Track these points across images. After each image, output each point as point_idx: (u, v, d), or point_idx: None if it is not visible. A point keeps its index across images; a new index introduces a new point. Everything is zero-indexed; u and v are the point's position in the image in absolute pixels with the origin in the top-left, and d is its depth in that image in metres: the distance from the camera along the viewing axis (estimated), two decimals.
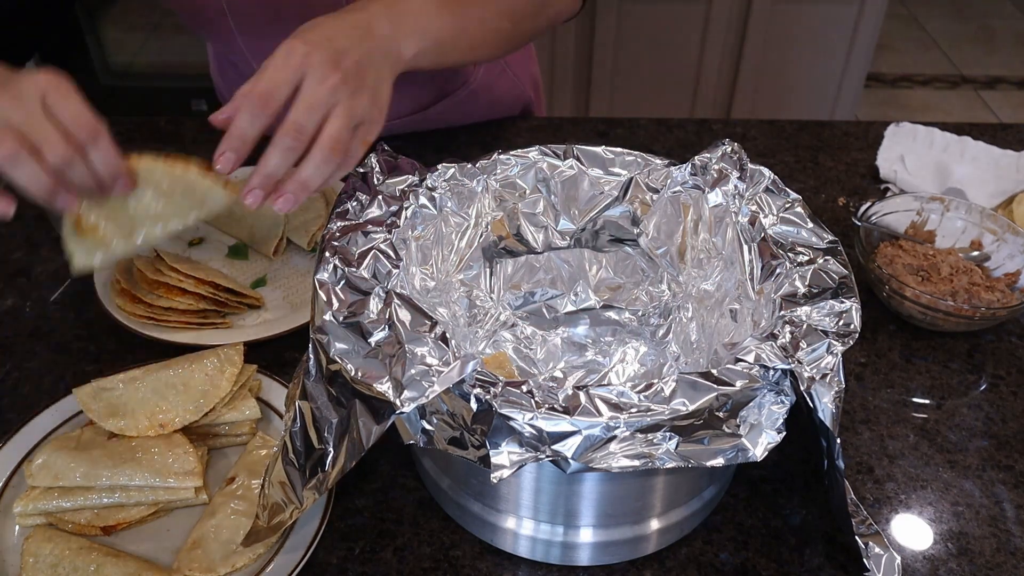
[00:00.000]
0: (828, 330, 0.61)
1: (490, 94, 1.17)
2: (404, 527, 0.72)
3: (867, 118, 2.79)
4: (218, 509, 0.70)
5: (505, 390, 0.56)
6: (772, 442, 0.58)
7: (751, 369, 0.58)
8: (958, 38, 3.54)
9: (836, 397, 0.59)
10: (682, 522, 0.70)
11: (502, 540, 0.70)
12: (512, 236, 0.83)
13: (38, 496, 0.70)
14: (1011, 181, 1.09)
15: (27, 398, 0.82)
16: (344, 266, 0.65)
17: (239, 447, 0.77)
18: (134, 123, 1.20)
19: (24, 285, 0.95)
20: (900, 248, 0.95)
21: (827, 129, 1.23)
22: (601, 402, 0.56)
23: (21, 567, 0.66)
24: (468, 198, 0.79)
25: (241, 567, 0.67)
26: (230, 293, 0.90)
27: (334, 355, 0.59)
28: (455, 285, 0.81)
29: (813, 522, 0.73)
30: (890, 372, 0.87)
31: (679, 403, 0.56)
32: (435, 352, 0.57)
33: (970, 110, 3.12)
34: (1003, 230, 0.95)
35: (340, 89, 0.67)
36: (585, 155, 0.81)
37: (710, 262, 0.79)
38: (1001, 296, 0.89)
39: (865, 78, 2.37)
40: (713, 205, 0.77)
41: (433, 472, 0.72)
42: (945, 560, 0.71)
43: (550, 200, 0.82)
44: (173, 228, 0.70)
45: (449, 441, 0.59)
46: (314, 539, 0.68)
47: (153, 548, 0.70)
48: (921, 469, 0.78)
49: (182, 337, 0.85)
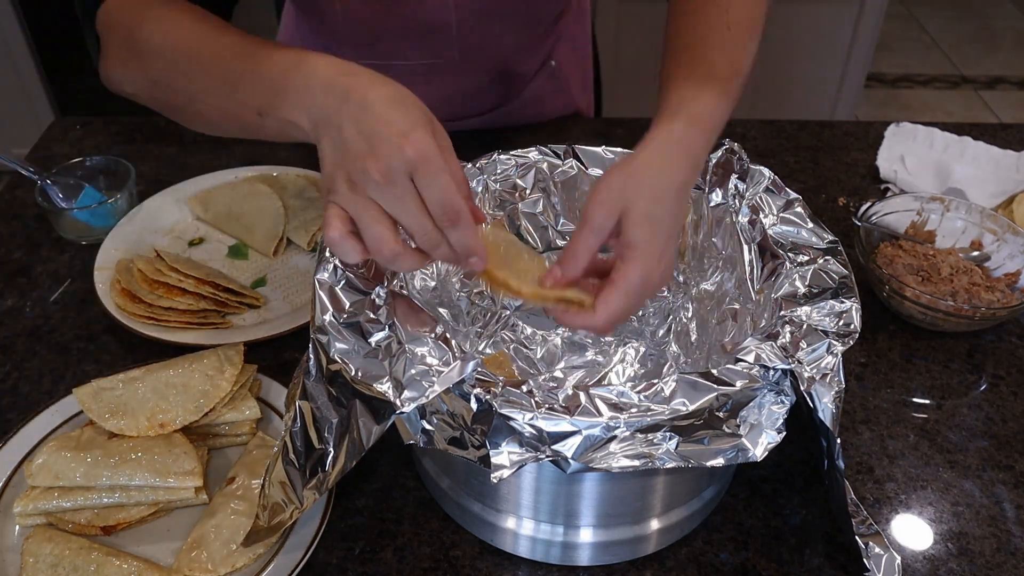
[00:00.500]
0: (828, 330, 0.61)
1: (540, 105, 1.18)
2: (404, 527, 0.72)
3: (867, 118, 2.79)
4: (218, 509, 0.70)
5: (505, 390, 0.56)
6: (772, 442, 0.58)
7: (751, 369, 0.58)
8: (958, 38, 3.53)
9: (836, 397, 0.59)
10: (682, 522, 0.70)
11: (502, 540, 0.70)
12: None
13: (38, 496, 0.70)
14: (1011, 181, 1.09)
15: (27, 398, 0.82)
16: (344, 266, 0.65)
17: (239, 447, 0.77)
18: (134, 123, 1.20)
19: (24, 285, 0.95)
20: (900, 248, 0.95)
21: (827, 129, 1.23)
22: (601, 402, 0.56)
23: (21, 567, 0.66)
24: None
25: (241, 567, 0.67)
26: (230, 293, 0.90)
27: (334, 355, 0.59)
28: (455, 285, 0.81)
29: (813, 522, 0.73)
30: (890, 372, 0.87)
31: (679, 403, 0.56)
32: (435, 352, 0.57)
33: (970, 110, 3.11)
34: (1003, 230, 0.94)
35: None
36: (585, 155, 0.81)
37: (710, 262, 0.79)
38: (1001, 296, 0.89)
39: (865, 78, 2.37)
40: (713, 205, 0.77)
41: (433, 472, 0.72)
42: (945, 560, 0.71)
43: (550, 200, 0.82)
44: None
45: (449, 441, 0.59)
46: (314, 539, 0.68)
47: (153, 548, 0.70)
48: (921, 469, 0.78)
49: (182, 337, 0.85)
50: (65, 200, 1.01)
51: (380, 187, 0.56)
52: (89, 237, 1.00)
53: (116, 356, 0.87)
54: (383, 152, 0.56)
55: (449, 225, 0.58)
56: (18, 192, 1.08)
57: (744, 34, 0.77)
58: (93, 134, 1.18)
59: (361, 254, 0.58)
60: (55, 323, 0.91)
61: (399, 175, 0.56)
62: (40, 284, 0.95)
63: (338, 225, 0.57)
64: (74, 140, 1.18)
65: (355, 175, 0.57)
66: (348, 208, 0.58)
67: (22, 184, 1.08)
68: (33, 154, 1.15)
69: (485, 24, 1.01)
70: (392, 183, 0.56)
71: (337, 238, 0.58)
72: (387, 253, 0.58)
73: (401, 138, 0.56)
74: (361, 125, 0.57)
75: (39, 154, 1.15)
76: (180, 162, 1.14)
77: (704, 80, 0.71)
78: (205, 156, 1.15)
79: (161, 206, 1.04)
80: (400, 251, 0.58)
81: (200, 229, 1.03)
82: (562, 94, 1.19)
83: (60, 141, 1.17)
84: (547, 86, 1.16)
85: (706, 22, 0.77)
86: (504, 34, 1.04)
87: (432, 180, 0.56)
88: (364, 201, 0.57)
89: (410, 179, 0.57)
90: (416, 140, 0.56)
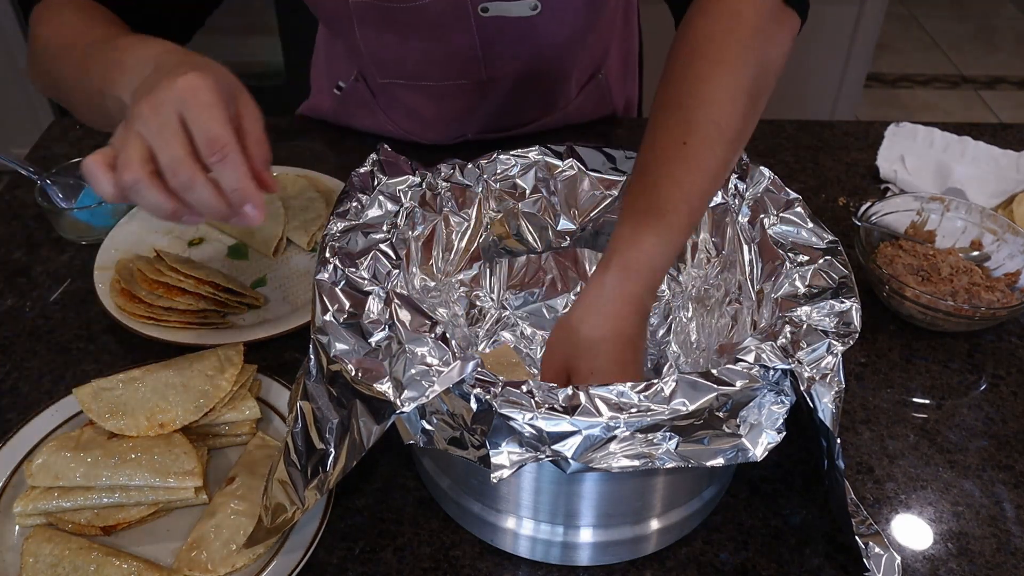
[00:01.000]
0: (828, 330, 0.61)
1: (582, 116, 1.18)
2: (404, 527, 0.72)
3: (867, 118, 2.79)
4: (218, 509, 0.70)
5: (505, 390, 0.56)
6: (772, 442, 0.58)
7: (751, 369, 0.58)
8: (958, 38, 3.53)
9: (836, 397, 0.59)
10: (682, 522, 0.70)
11: (502, 540, 0.70)
12: (512, 236, 0.83)
13: (38, 496, 0.70)
14: (1011, 181, 1.09)
15: (27, 398, 0.82)
16: (344, 266, 0.65)
17: (239, 447, 0.77)
18: None
19: (24, 285, 0.95)
20: (900, 248, 0.95)
21: (827, 129, 1.23)
22: (601, 402, 0.56)
23: (21, 567, 0.66)
24: (468, 198, 0.79)
25: (241, 567, 0.67)
26: (230, 293, 0.90)
27: (334, 355, 0.59)
28: (455, 285, 0.81)
29: (813, 522, 0.73)
30: (890, 372, 0.87)
31: (679, 403, 0.56)
32: (435, 352, 0.57)
33: (970, 110, 3.12)
34: (1003, 230, 0.94)
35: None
36: (585, 155, 0.81)
37: (710, 262, 0.79)
38: (1001, 296, 0.89)
39: (865, 78, 2.37)
40: (713, 205, 0.77)
41: (433, 472, 0.72)
42: (945, 560, 0.71)
43: (550, 200, 0.82)
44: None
45: (449, 441, 0.59)
46: (314, 539, 0.68)
47: (153, 548, 0.70)
48: (921, 469, 0.78)
49: (182, 337, 0.85)
50: (65, 200, 1.01)
51: (146, 119, 0.57)
52: (89, 237, 1.00)
53: (116, 356, 0.87)
54: (158, 89, 0.57)
55: (216, 160, 0.57)
56: (18, 192, 1.08)
57: (704, 149, 0.69)
58: (93, 134, 1.18)
59: (111, 182, 0.57)
60: (55, 323, 0.91)
61: (165, 108, 0.57)
62: (40, 284, 0.95)
63: (97, 156, 0.58)
64: (74, 140, 1.18)
65: (131, 114, 0.58)
66: (115, 142, 0.58)
67: (22, 184, 1.08)
68: (33, 154, 1.15)
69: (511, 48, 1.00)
70: (156, 114, 0.57)
71: (91, 166, 0.58)
72: (127, 178, 0.57)
73: (178, 78, 0.57)
74: (157, 79, 0.58)
75: (39, 154, 1.15)
76: None
77: (644, 217, 0.68)
78: None
79: None
80: (141, 177, 0.57)
81: (200, 229, 1.03)
82: (605, 102, 1.19)
83: (60, 141, 1.17)
84: (593, 95, 1.16)
85: (666, 132, 0.70)
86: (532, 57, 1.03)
87: (199, 113, 0.57)
88: (131, 134, 0.57)
89: (179, 117, 0.57)
90: (190, 77, 0.57)
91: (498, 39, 0.98)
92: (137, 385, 0.75)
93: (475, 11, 0.94)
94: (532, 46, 1.01)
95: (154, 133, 0.57)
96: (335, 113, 1.17)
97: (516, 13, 0.95)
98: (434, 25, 0.96)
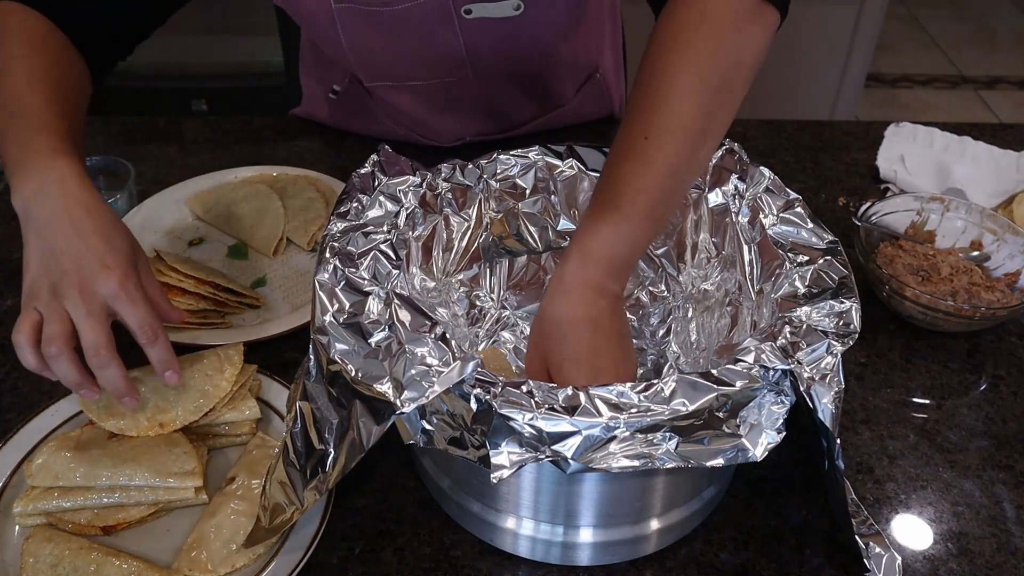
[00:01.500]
0: (828, 330, 0.61)
1: (579, 113, 1.17)
2: (404, 527, 0.72)
3: (867, 118, 2.79)
4: (218, 509, 0.70)
5: (505, 390, 0.56)
6: (772, 442, 0.58)
7: (751, 369, 0.58)
8: (958, 38, 3.54)
9: (836, 397, 0.59)
10: (682, 522, 0.70)
11: (502, 540, 0.70)
12: (512, 236, 0.83)
13: (38, 496, 0.70)
14: (1011, 181, 1.09)
15: (27, 398, 0.82)
16: (344, 266, 0.65)
17: (239, 447, 0.77)
18: (134, 123, 1.20)
19: None
20: (900, 248, 0.95)
21: (827, 129, 1.23)
22: (601, 402, 0.56)
23: (21, 567, 0.66)
24: (468, 198, 0.79)
25: (241, 567, 0.67)
26: (230, 293, 0.90)
27: (334, 356, 0.59)
28: (455, 285, 0.81)
29: (813, 522, 0.73)
30: (890, 372, 0.87)
31: (679, 403, 0.56)
32: (435, 352, 0.57)
33: (970, 110, 3.12)
34: (1003, 230, 0.95)
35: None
36: (585, 155, 0.81)
37: (710, 262, 0.79)
38: (1001, 296, 0.89)
39: (865, 78, 2.37)
40: (713, 205, 0.77)
41: (433, 472, 0.72)
42: (945, 560, 0.71)
43: (550, 200, 0.82)
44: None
45: (449, 441, 0.59)
46: (314, 539, 0.68)
47: (153, 548, 0.70)
48: (921, 469, 0.78)
49: (182, 337, 0.85)
50: None
51: (77, 305, 0.67)
52: None
53: None
54: (88, 278, 0.67)
55: (148, 342, 0.70)
56: None
57: (665, 143, 0.69)
58: (93, 134, 1.18)
59: (36, 356, 0.67)
60: None
61: (96, 300, 0.67)
62: None
63: (27, 330, 0.67)
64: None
65: (60, 288, 0.67)
66: (44, 312, 0.67)
67: None
68: None
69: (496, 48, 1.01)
70: (87, 302, 0.67)
71: (22, 341, 0.67)
72: (52, 350, 0.66)
73: (105, 270, 0.68)
74: (72, 247, 0.68)
75: None
76: (180, 162, 1.14)
77: (603, 208, 0.69)
78: (205, 156, 1.15)
79: (161, 206, 1.04)
80: (63, 351, 0.67)
81: (200, 229, 1.03)
82: (604, 102, 1.19)
83: None
84: (591, 95, 1.16)
85: (630, 128, 0.71)
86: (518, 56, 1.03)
87: (130, 306, 0.68)
88: (59, 310, 0.67)
89: (107, 308, 0.68)
90: (117, 276, 0.68)
91: (482, 40, 0.98)
92: (137, 385, 0.75)
93: (458, 13, 0.95)
94: (517, 46, 1.01)
95: (82, 317, 0.67)
96: (333, 119, 1.17)
97: (499, 14, 0.95)
98: (418, 27, 0.96)
